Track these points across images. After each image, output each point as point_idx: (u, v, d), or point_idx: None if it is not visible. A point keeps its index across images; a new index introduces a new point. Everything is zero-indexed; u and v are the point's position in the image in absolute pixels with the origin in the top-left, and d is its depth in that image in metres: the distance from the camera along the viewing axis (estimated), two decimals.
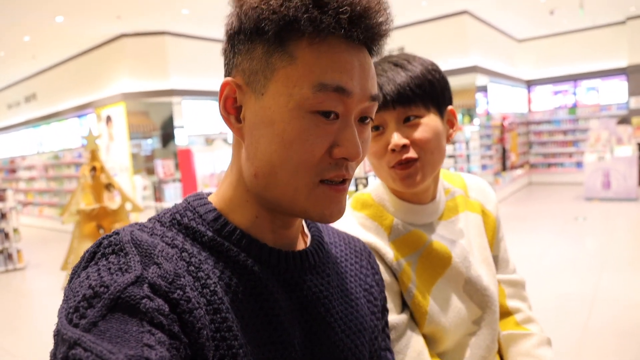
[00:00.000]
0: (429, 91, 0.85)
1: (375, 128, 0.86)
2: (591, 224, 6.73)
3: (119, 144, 8.84)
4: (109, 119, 9.03)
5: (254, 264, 0.54)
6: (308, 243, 0.64)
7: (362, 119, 0.56)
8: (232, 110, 0.55)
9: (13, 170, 13.24)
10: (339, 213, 0.56)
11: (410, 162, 0.85)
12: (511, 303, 1.02)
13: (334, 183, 0.54)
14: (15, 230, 6.76)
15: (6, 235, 6.70)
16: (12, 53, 9.18)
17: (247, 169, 0.55)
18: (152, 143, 8.88)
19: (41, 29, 7.74)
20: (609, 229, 6.28)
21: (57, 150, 11.21)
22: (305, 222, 0.68)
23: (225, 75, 0.57)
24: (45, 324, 4.27)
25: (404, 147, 0.84)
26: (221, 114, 0.56)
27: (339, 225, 0.94)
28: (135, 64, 8.51)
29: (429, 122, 0.86)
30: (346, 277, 0.67)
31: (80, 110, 9.90)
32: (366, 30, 0.52)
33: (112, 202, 5.04)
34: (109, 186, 4.95)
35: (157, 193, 7.67)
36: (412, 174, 0.85)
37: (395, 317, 0.86)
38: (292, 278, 0.58)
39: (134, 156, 8.67)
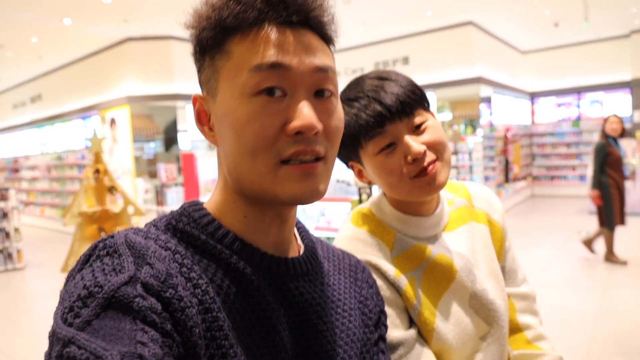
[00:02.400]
0: (421, 95, 0.87)
1: (388, 146, 0.84)
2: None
3: (123, 146, 8.85)
4: (113, 121, 9.06)
5: (246, 267, 0.55)
6: (301, 252, 0.65)
7: (319, 93, 0.55)
8: (206, 122, 0.59)
9: (16, 170, 13.27)
10: (312, 193, 0.54)
11: (430, 164, 0.83)
12: (522, 318, 0.99)
13: (301, 162, 0.53)
14: (16, 229, 6.75)
15: (7, 235, 6.70)
16: (19, 54, 9.24)
17: (225, 170, 0.58)
18: (155, 146, 8.89)
19: (49, 30, 7.79)
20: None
21: (61, 151, 11.24)
22: (299, 233, 0.69)
23: None
24: (43, 326, 4.25)
25: (424, 154, 0.83)
26: (197, 127, 0.60)
27: (339, 241, 0.92)
28: (141, 68, 8.55)
29: (434, 124, 0.86)
30: (339, 288, 0.68)
31: (84, 112, 9.94)
32: (289, 9, 0.53)
33: (114, 205, 5.03)
34: (111, 189, 4.95)
35: (159, 197, 7.66)
36: (435, 175, 0.83)
37: (402, 332, 0.84)
38: (284, 283, 0.58)
39: (137, 159, 8.68)
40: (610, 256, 5.32)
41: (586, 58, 11.37)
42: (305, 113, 0.52)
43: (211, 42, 0.55)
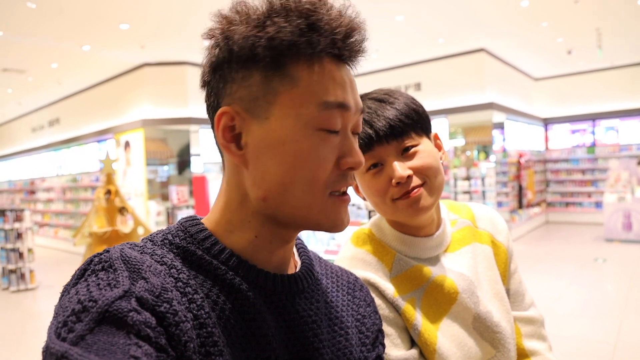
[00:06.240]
0: (417, 119, 0.86)
1: (374, 165, 0.85)
2: (611, 266, 6.52)
3: (136, 169, 8.97)
4: (127, 144, 9.21)
5: (242, 283, 0.55)
6: (298, 269, 0.65)
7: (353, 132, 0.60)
8: (231, 138, 0.55)
9: (32, 192, 13.51)
10: (347, 222, 0.59)
11: (414, 189, 0.83)
12: (528, 344, 0.96)
13: (339, 193, 0.57)
14: (29, 250, 6.81)
15: (20, 255, 6.76)
16: (40, 79, 9.53)
17: (254, 194, 0.56)
18: (168, 169, 8.99)
19: (69, 56, 8.03)
20: (631, 272, 6.07)
21: (76, 173, 11.42)
22: (297, 249, 0.69)
23: (212, 106, 0.57)
24: None
25: (408, 178, 0.83)
26: (220, 143, 0.56)
27: (340, 261, 0.92)
28: (156, 92, 8.73)
29: (425, 148, 0.86)
30: (336, 306, 0.67)
31: (100, 135, 10.14)
32: (351, 48, 0.56)
33: (124, 225, 5.06)
34: (122, 210, 4.99)
35: (170, 219, 7.70)
36: (418, 199, 0.83)
37: (403, 352, 0.82)
38: (280, 300, 0.58)
39: (150, 182, 8.77)
40: None
41: (600, 85, 11.33)
42: (357, 150, 0.57)
43: (269, 61, 0.52)
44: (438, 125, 9.66)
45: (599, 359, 3.48)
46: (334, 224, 0.57)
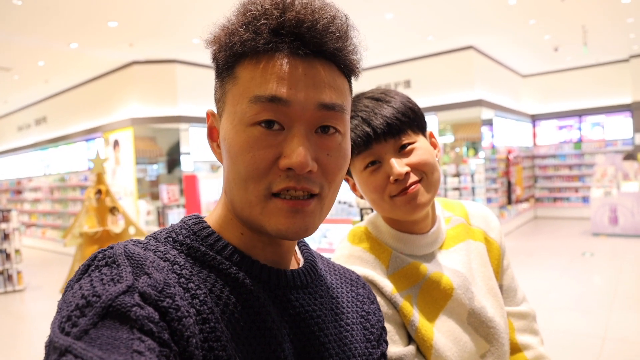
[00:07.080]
0: (413, 117, 0.88)
1: (372, 163, 0.86)
2: (599, 260, 6.63)
3: (125, 168, 8.89)
4: (116, 143, 9.12)
5: (245, 277, 0.55)
6: (300, 265, 0.66)
7: (324, 129, 0.54)
8: (216, 138, 0.60)
9: (19, 192, 13.31)
10: (298, 231, 0.54)
11: (412, 185, 0.85)
12: (521, 338, 0.98)
13: (291, 198, 0.53)
14: (17, 251, 6.72)
15: (7, 256, 6.66)
16: (26, 77, 9.39)
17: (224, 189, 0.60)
18: (157, 168, 8.93)
19: (55, 54, 7.93)
20: (618, 266, 6.17)
21: (64, 172, 11.29)
22: (299, 247, 0.70)
23: None
24: (42, 348, 4.19)
25: (406, 175, 0.84)
26: (207, 142, 0.62)
27: (337, 259, 0.93)
28: (145, 90, 8.65)
29: (422, 145, 0.88)
30: (341, 302, 0.68)
31: (88, 134, 10.03)
32: (298, 40, 0.52)
33: (115, 225, 5.02)
34: (113, 210, 4.95)
35: (161, 218, 7.65)
36: (415, 195, 0.85)
37: (401, 349, 0.83)
38: (284, 295, 0.58)
39: (140, 181, 8.71)
40: None
41: (587, 82, 11.48)
42: (297, 151, 0.51)
43: (222, 63, 0.56)
44: (427, 122, 9.70)
45: (588, 352, 3.54)
46: (276, 229, 0.53)
